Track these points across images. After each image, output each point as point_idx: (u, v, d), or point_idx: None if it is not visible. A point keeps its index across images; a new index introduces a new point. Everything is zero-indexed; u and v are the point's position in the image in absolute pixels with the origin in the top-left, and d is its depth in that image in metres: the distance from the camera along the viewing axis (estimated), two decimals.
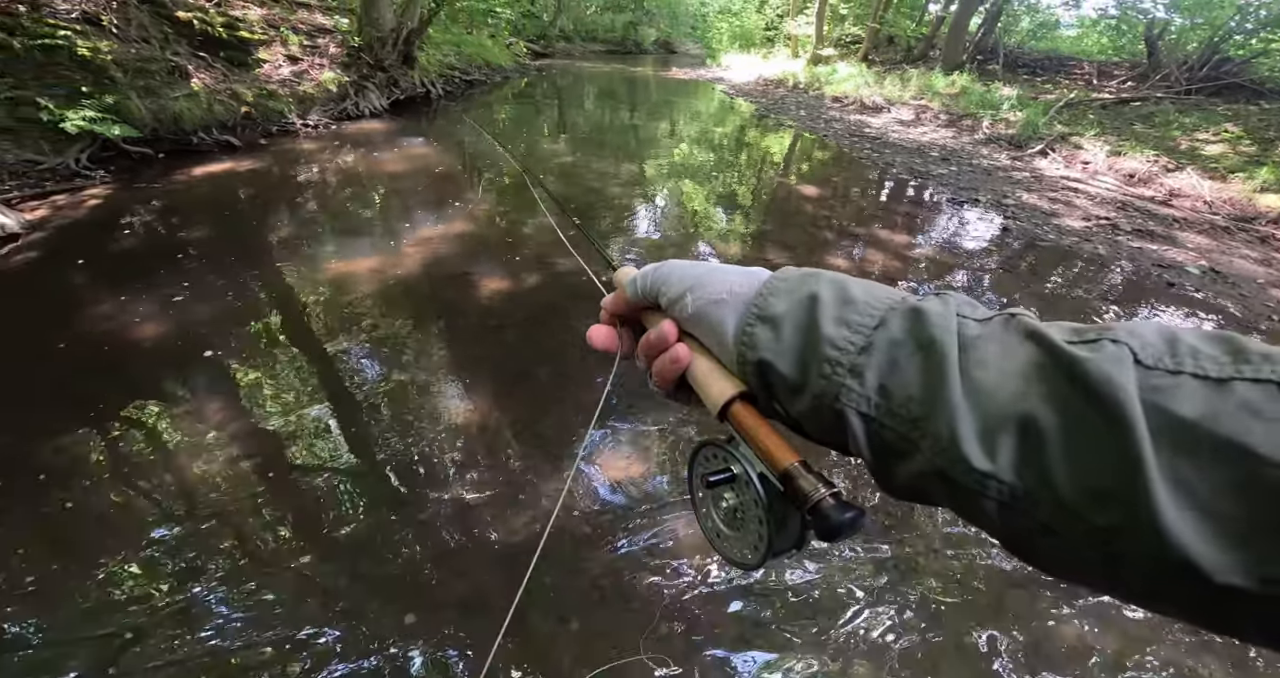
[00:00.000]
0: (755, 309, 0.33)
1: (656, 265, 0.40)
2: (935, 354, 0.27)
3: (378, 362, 2.29)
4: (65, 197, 3.71)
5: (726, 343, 0.34)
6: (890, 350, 0.29)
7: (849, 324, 0.30)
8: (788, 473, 0.29)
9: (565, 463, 1.82)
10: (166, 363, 2.18)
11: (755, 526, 0.32)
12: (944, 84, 9.67)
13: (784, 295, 0.33)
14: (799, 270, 0.35)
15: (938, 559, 1.59)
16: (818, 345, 0.30)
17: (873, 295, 0.31)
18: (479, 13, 11.78)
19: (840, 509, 0.28)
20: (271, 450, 1.82)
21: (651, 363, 0.39)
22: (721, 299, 0.35)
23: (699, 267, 0.38)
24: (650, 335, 0.38)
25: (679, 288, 0.37)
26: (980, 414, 0.25)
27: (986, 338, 0.27)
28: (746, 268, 0.37)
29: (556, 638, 1.33)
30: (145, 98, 4.54)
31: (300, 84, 6.00)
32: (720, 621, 1.40)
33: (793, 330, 0.31)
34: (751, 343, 0.32)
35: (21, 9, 4.12)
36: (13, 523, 1.52)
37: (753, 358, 0.32)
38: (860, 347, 0.29)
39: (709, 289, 0.36)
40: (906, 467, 0.28)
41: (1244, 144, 6.59)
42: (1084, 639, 1.43)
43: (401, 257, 3.15)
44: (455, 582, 1.44)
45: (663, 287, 0.38)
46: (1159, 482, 0.20)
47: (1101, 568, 0.22)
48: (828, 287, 0.32)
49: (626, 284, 0.41)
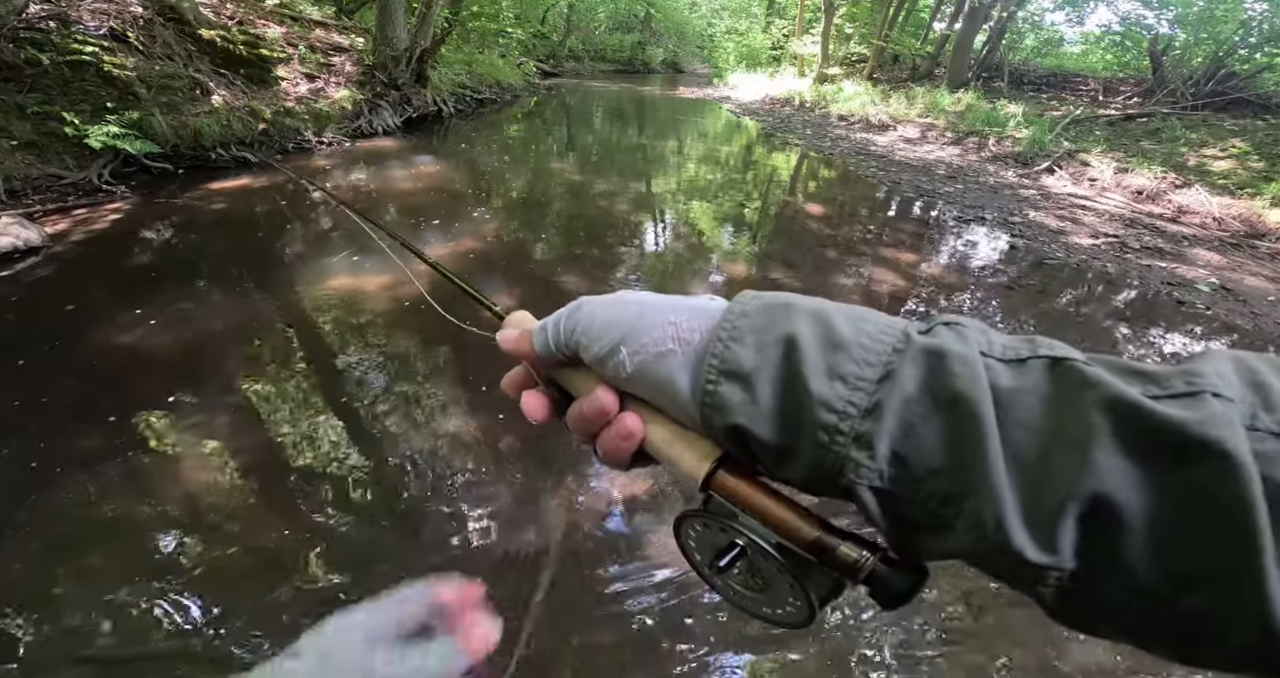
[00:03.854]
0: (715, 362, 0.26)
1: (570, 309, 0.32)
2: (964, 416, 0.22)
3: (385, 378, 2.32)
4: (86, 210, 3.80)
5: (684, 404, 0.27)
6: (904, 412, 0.23)
7: (844, 379, 0.24)
8: (818, 545, 0.25)
9: (568, 480, 1.83)
10: (179, 375, 2.22)
11: (785, 588, 0.28)
12: (949, 102, 9.75)
13: (750, 341, 0.26)
14: (760, 299, 0.27)
15: (941, 573, 1.58)
16: (806, 408, 0.24)
17: (865, 333, 0.25)
18: (490, 33, 12.05)
19: (900, 573, 0.24)
20: (278, 464, 1.84)
21: (593, 440, 0.31)
22: (667, 350, 0.27)
23: (626, 305, 0.30)
24: (583, 408, 0.30)
25: (607, 341, 0.29)
26: (1032, 495, 0.20)
27: (1027, 390, 0.22)
28: (687, 300, 0.30)
29: (558, 653, 1.33)
30: (167, 114, 4.66)
31: (316, 102, 6.15)
32: (719, 635, 1.39)
33: (770, 389, 0.25)
34: (718, 405, 0.26)
35: (52, 25, 4.27)
36: (18, 529, 1.55)
37: (723, 423, 0.26)
38: (864, 409, 0.23)
39: (647, 338, 0.28)
40: (939, 544, 0.23)
41: (1252, 160, 6.58)
42: (1095, 659, 1.41)
43: (412, 273, 3.20)
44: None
45: (584, 339, 0.30)
46: (1274, 566, 0.17)
47: (1175, 646, 0.20)
48: (805, 324, 0.25)
49: (534, 334, 0.33)
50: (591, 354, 0.30)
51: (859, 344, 0.25)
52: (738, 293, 0.29)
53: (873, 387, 0.24)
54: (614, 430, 0.30)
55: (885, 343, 0.24)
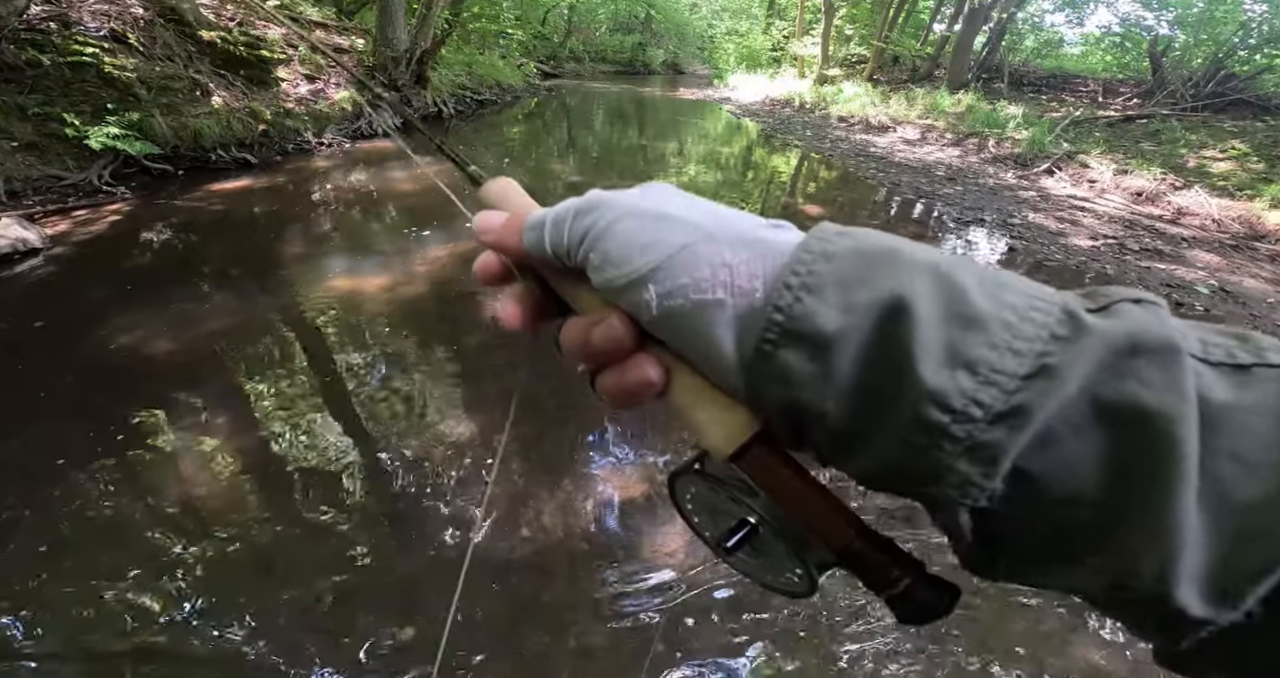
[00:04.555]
0: (779, 318, 0.19)
1: (581, 207, 0.24)
2: (1152, 438, 0.16)
3: (385, 379, 2.32)
4: (86, 212, 3.81)
5: (724, 365, 0.21)
6: (1057, 420, 0.17)
7: (972, 368, 0.18)
8: (848, 553, 0.22)
9: (566, 481, 1.83)
10: (177, 376, 2.22)
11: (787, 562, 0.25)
12: (949, 103, 9.76)
13: (833, 297, 0.19)
14: (850, 238, 0.20)
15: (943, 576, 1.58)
16: (906, 399, 0.18)
17: (1010, 306, 0.18)
18: (491, 34, 12.05)
19: (932, 592, 0.21)
20: (279, 464, 1.85)
21: (593, 371, 0.25)
22: (713, 300, 0.21)
23: (665, 224, 0.22)
24: (592, 336, 0.24)
25: (629, 270, 0.22)
26: (1232, 548, 0.16)
27: (1253, 410, 0.16)
28: (749, 228, 0.22)
29: (554, 654, 1.33)
30: (167, 115, 4.67)
31: (316, 103, 6.16)
32: (717, 637, 1.40)
33: (854, 365, 0.19)
34: (776, 374, 0.20)
35: (53, 27, 4.28)
36: (19, 532, 1.55)
37: (778, 397, 0.20)
38: (995, 413, 0.17)
39: (687, 279, 0.21)
40: (1045, 577, 0.19)
41: (1251, 161, 6.59)
42: (1093, 663, 1.41)
43: (412, 276, 3.21)
44: (454, 597, 1.45)
45: (597, 258, 0.23)
46: None
47: None
48: (923, 282, 0.19)
49: (526, 229, 0.25)
50: (604, 279, 0.23)
51: (1001, 322, 0.18)
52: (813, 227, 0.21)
53: (1015, 384, 0.17)
54: (628, 375, 0.23)
55: (1039, 323, 0.18)
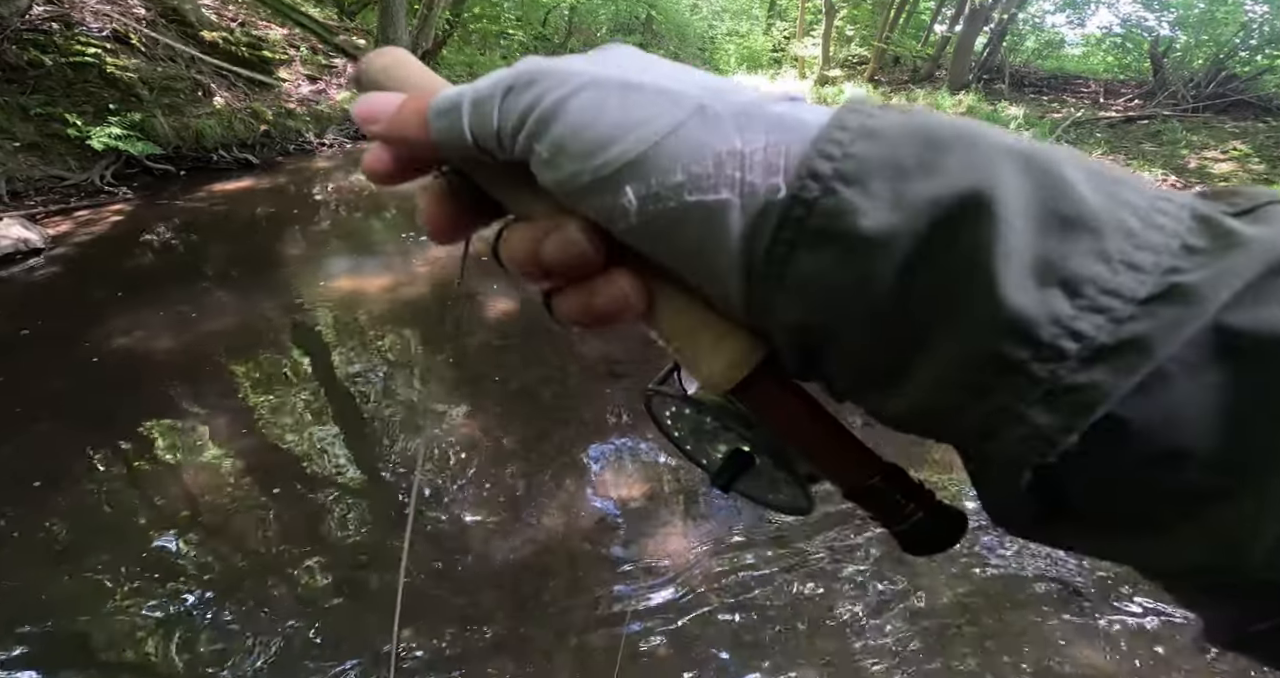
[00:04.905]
0: (801, 213, 0.15)
1: (515, 75, 0.17)
2: None
3: (384, 379, 2.33)
4: (88, 212, 3.82)
5: (725, 280, 0.16)
6: (1180, 358, 0.13)
7: (1075, 287, 0.13)
8: (863, 491, 0.19)
9: (567, 483, 1.83)
10: (178, 377, 2.23)
11: (782, 482, 0.23)
12: (951, 103, 9.76)
13: (880, 188, 0.14)
14: (912, 116, 0.15)
15: (939, 576, 1.58)
16: (972, 326, 0.14)
17: (1133, 207, 0.14)
18: (492, 35, 12.06)
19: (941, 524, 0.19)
20: (276, 464, 1.85)
21: (548, 290, 0.20)
22: (715, 202, 0.15)
23: (633, 89, 0.16)
24: (547, 248, 0.18)
25: (596, 163, 0.16)
26: None
27: None
28: (749, 90, 0.17)
29: (554, 654, 1.34)
30: (169, 115, 4.68)
31: (318, 103, 6.17)
32: (715, 638, 1.40)
33: (903, 277, 0.14)
34: (790, 285, 0.15)
35: (55, 27, 4.29)
36: (19, 532, 1.55)
37: (790, 317, 0.16)
38: (1095, 347, 0.13)
39: (679, 171, 0.15)
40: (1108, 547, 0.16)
41: (1252, 162, 6.58)
42: (1093, 662, 1.41)
43: (412, 276, 3.21)
44: (454, 597, 1.45)
45: (547, 148, 0.16)
46: None
47: None
48: (1011, 171, 0.14)
49: (435, 113, 0.18)
50: (558, 178, 0.17)
51: (1119, 227, 0.14)
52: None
53: (1129, 310, 0.13)
54: (597, 297, 0.18)
55: (1168, 230, 0.14)
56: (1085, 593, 1.55)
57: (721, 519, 1.71)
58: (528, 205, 0.19)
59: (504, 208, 0.21)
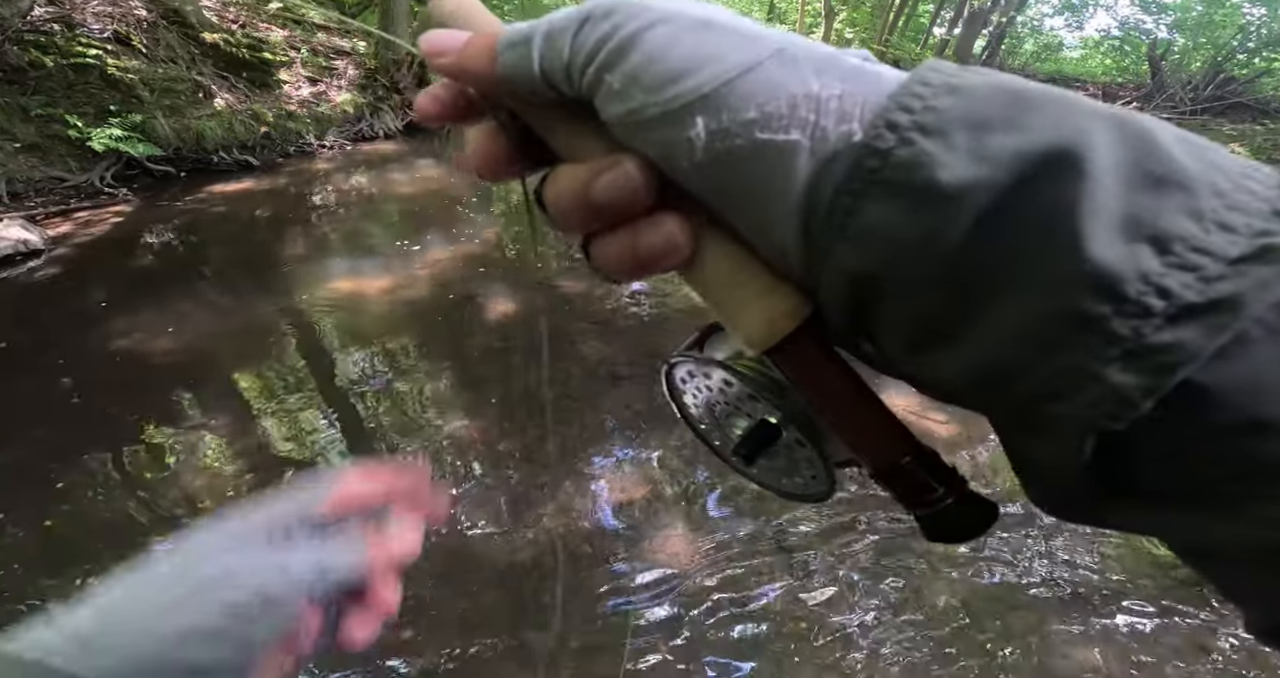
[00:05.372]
0: (875, 164, 0.15)
1: (590, 8, 0.17)
2: None
3: (385, 382, 2.33)
4: (88, 213, 3.82)
5: (781, 227, 0.16)
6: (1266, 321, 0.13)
7: (1164, 243, 0.13)
8: (893, 471, 0.19)
9: (568, 485, 1.84)
10: (178, 378, 2.23)
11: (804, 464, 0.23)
12: None
13: (961, 140, 0.14)
14: (996, 76, 0.16)
15: (940, 581, 1.59)
16: (1051, 279, 0.14)
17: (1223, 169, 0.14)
18: None
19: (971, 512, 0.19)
20: (276, 466, 1.85)
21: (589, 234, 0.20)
22: (786, 142, 0.15)
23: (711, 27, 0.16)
24: (595, 183, 0.18)
25: (670, 93, 0.16)
26: None
27: None
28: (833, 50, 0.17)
29: (556, 654, 1.34)
30: (170, 117, 4.68)
31: (319, 105, 6.18)
32: (717, 642, 1.40)
33: (978, 228, 0.14)
34: (853, 233, 0.15)
35: (56, 28, 4.29)
36: (18, 535, 1.56)
37: (848, 266, 0.16)
38: (1184, 306, 0.13)
39: (753, 108, 0.15)
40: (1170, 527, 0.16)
41: None
42: (1094, 665, 1.41)
43: (412, 278, 3.21)
44: (456, 601, 1.45)
45: (619, 78, 0.16)
46: None
47: None
48: (1103, 131, 0.14)
49: (505, 45, 0.18)
50: (625, 109, 0.17)
51: (1210, 186, 0.14)
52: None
53: (1219, 269, 0.13)
54: (643, 238, 0.18)
55: (1259, 194, 0.14)
56: (1086, 596, 1.55)
57: (723, 523, 1.72)
58: (581, 145, 0.19)
59: (554, 151, 0.20)
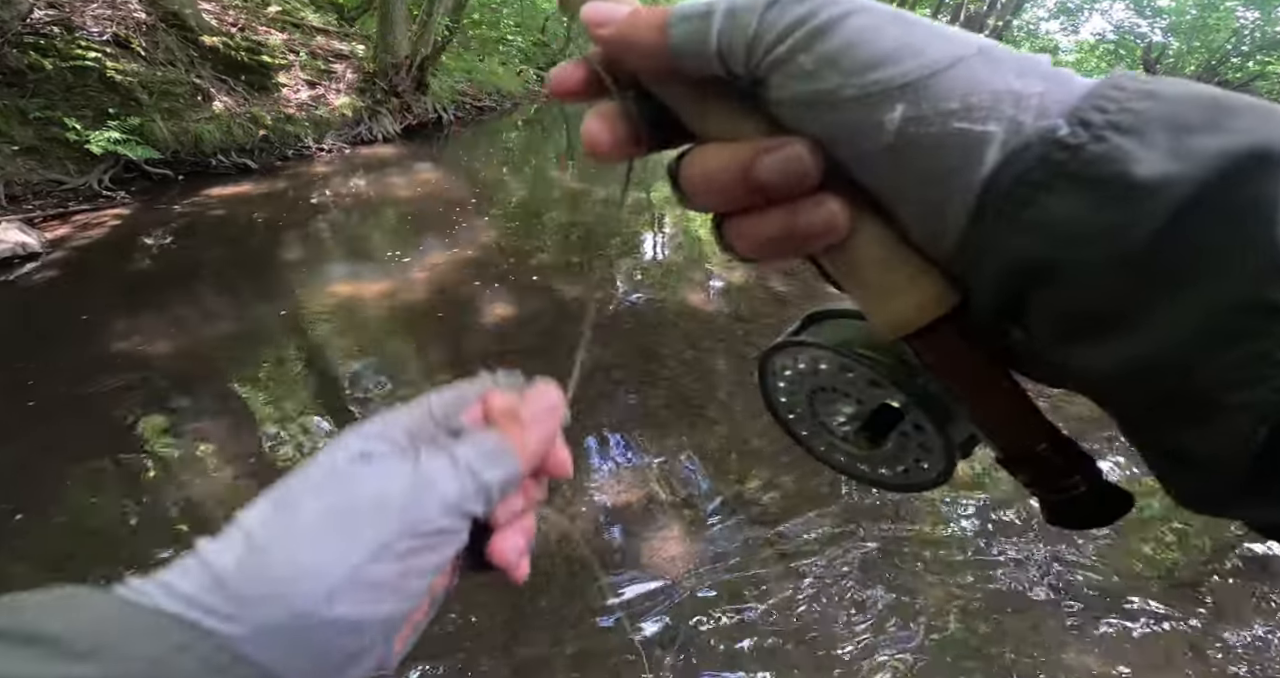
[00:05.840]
0: (1063, 157, 0.15)
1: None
2: None
3: (383, 386, 2.33)
4: (86, 216, 3.82)
5: (947, 215, 0.17)
6: None
7: None
8: (1030, 459, 0.19)
9: (565, 489, 1.83)
10: (175, 381, 2.23)
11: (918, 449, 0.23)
12: None
13: (1161, 140, 0.15)
14: (1190, 84, 0.16)
15: (939, 584, 1.59)
16: (1240, 270, 0.14)
17: None
18: (491, 41, 12.12)
19: (1104, 501, 0.19)
20: (275, 468, 1.85)
21: (729, 211, 0.20)
22: (983, 132, 0.16)
23: (908, 22, 0.17)
24: (760, 162, 0.18)
25: (873, 77, 0.16)
26: None
27: None
28: (1028, 55, 0.17)
29: (552, 661, 1.34)
30: (169, 120, 4.69)
31: (317, 108, 6.19)
32: (714, 647, 1.40)
33: (1167, 221, 0.14)
34: (1026, 223, 0.16)
35: (55, 31, 4.30)
36: (17, 539, 1.55)
37: (1016, 255, 0.16)
38: None
39: (956, 99, 0.16)
40: None
41: None
42: (1093, 667, 1.41)
43: (410, 282, 3.22)
44: (449, 607, 1.45)
45: (813, 59, 0.17)
46: None
47: None
48: None
49: (678, 18, 0.18)
50: (814, 90, 0.17)
51: None
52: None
53: None
54: (802, 217, 0.18)
55: None
56: (1085, 599, 1.56)
57: (721, 529, 1.72)
58: (734, 125, 0.19)
59: (694, 130, 0.21)
